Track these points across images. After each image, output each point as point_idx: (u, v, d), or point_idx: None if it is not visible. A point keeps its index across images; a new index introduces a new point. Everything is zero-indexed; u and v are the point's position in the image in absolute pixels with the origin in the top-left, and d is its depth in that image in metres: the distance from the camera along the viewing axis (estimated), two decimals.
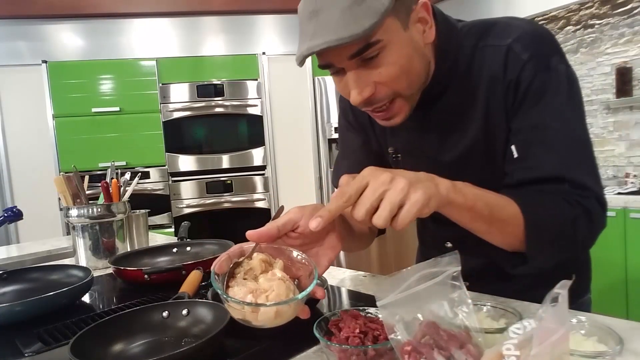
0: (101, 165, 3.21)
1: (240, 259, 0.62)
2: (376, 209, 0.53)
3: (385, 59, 0.63)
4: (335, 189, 0.97)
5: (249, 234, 0.62)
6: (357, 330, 0.57)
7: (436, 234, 0.93)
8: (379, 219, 0.53)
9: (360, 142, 0.91)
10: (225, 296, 0.55)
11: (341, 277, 1.02)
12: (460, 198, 0.61)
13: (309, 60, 3.41)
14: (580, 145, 0.68)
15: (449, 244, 0.90)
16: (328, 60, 0.65)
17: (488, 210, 0.63)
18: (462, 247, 0.89)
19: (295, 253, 0.64)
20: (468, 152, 0.77)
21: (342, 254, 3.47)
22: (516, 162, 0.70)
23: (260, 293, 0.56)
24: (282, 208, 0.74)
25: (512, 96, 0.70)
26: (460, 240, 0.88)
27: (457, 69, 0.74)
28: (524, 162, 0.69)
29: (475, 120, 0.74)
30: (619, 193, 2.44)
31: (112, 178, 1.39)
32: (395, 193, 0.52)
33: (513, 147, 0.70)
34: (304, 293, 0.56)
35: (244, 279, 0.59)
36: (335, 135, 3.42)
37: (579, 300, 0.89)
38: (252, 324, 0.56)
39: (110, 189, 1.36)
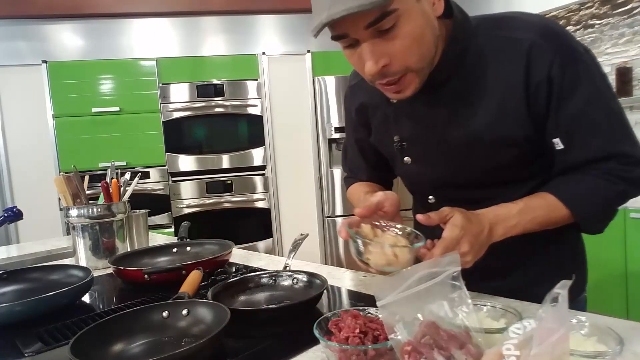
0: (101, 165, 3.21)
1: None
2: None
3: (399, 30, 0.65)
4: (345, 176, 1.11)
5: (358, 211, 0.72)
6: (357, 330, 0.57)
7: (435, 230, 0.92)
8: (434, 253, 0.65)
9: (359, 136, 1.00)
10: (377, 242, 0.66)
11: (341, 277, 1.02)
12: (513, 231, 0.72)
13: (309, 60, 3.42)
14: (618, 119, 0.73)
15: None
16: (344, 30, 0.66)
17: (539, 225, 0.74)
18: None
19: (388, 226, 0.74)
20: (476, 139, 0.77)
21: (342, 254, 3.48)
22: (562, 154, 0.74)
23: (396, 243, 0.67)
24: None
25: (546, 94, 0.71)
26: None
27: (468, 57, 0.75)
28: (571, 150, 0.73)
29: (486, 109, 0.75)
30: None
31: (112, 178, 1.39)
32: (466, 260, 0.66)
33: (557, 140, 0.73)
34: (420, 243, 0.67)
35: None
36: (335, 135, 3.43)
37: (576, 299, 0.89)
38: (388, 269, 0.65)
39: (110, 189, 1.36)
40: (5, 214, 1.37)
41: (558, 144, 0.73)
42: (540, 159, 0.79)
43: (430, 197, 0.90)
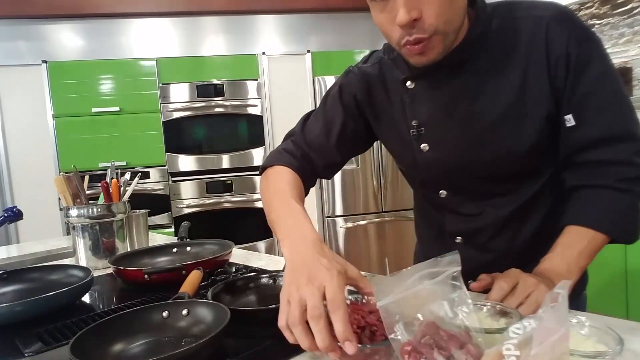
0: (101, 165, 3.21)
1: None
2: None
3: None
4: (301, 134, 0.95)
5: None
6: (355, 326, 0.57)
7: (444, 228, 0.91)
8: (526, 312, 0.63)
9: (341, 119, 0.92)
10: None
11: None
12: (573, 276, 0.72)
13: (309, 60, 3.39)
14: (625, 100, 0.75)
15: (459, 239, 0.89)
16: None
17: (589, 257, 0.74)
18: (472, 243, 0.89)
19: None
20: (500, 119, 0.77)
21: (342, 255, 3.47)
22: (572, 131, 0.75)
23: None
24: None
25: (564, 71, 0.73)
26: (471, 235, 0.88)
27: (488, 37, 0.76)
28: (581, 128, 0.74)
29: (509, 87, 0.76)
30: None
31: (112, 178, 1.39)
32: (541, 294, 0.65)
33: (570, 116, 0.75)
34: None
35: None
36: None
37: (577, 297, 0.89)
38: None
39: (110, 189, 1.36)
40: (5, 214, 1.37)
41: (570, 120, 0.74)
42: (550, 151, 0.80)
43: (442, 191, 0.88)
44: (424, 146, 0.84)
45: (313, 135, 0.93)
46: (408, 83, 0.83)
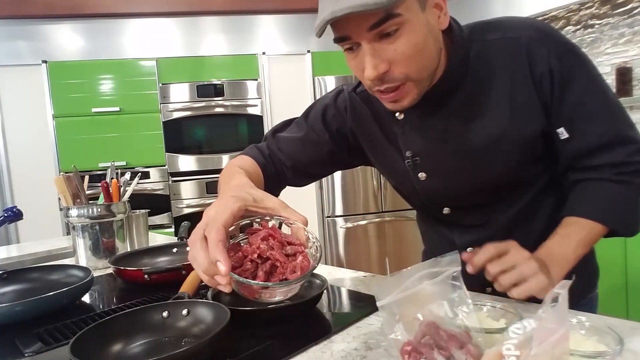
0: (101, 165, 3.21)
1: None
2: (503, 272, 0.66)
3: (402, 36, 0.64)
4: (275, 139, 0.96)
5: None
6: (256, 255, 0.57)
7: (454, 240, 0.90)
8: (505, 281, 0.65)
9: (319, 138, 0.93)
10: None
11: (341, 277, 1.02)
12: (568, 264, 0.72)
13: (309, 60, 3.40)
14: (615, 105, 0.75)
15: (471, 249, 0.89)
16: (346, 31, 0.65)
17: (587, 246, 0.74)
18: None
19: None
20: (494, 141, 0.77)
21: (342, 254, 3.48)
22: (566, 143, 0.75)
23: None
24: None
25: (549, 87, 0.73)
26: (483, 244, 0.87)
27: (469, 63, 0.75)
28: (574, 139, 0.74)
29: (498, 109, 0.75)
30: None
31: (112, 178, 1.39)
32: (528, 270, 0.65)
33: (562, 129, 0.75)
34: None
35: None
36: None
37: (588, 296, 0.89)
38: None
39: (110, 189, 1.36)
40: (5, 214, 1.37)
41: (563, 133, 0.75)
42: (545, 159, 0.80)
43: (445, 208, 0.88)
44: (422, 175, 0.84)
45: (288, 145, 0.94)
46: (397, 114, 0.82)
